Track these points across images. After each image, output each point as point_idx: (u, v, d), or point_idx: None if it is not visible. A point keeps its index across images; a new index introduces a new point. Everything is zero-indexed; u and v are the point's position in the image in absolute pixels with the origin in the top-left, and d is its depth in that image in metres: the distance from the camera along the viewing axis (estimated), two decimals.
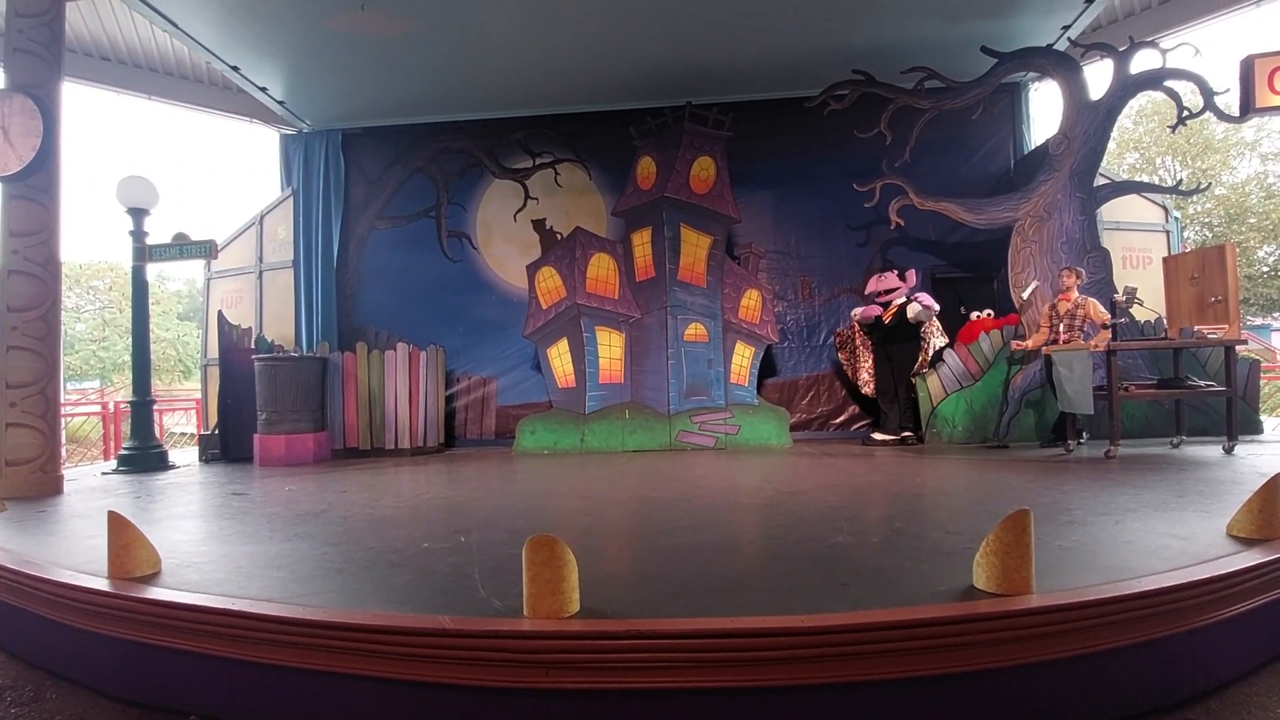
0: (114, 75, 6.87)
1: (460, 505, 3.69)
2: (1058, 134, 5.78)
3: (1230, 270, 4.98)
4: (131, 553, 2.31)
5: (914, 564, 2.27)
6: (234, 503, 3.99)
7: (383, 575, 2.33)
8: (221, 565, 2.51)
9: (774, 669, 1.65)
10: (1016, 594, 1.83)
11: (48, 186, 4.49)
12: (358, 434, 6.39)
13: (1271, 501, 2.37)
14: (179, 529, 3.26)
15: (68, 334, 21.94)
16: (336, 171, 7.31)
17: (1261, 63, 4.06)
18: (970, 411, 5.86)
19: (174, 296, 28.43)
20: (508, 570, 2.22)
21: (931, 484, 4.02)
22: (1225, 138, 18.53)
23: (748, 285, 6.57)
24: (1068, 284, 5.14)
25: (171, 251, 5.88)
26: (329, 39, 5.69)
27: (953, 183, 6.53)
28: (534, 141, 7.24)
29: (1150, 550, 2.31)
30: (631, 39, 5.84)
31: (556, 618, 1.77)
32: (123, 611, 2.08)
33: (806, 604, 1.88)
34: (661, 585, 2.14)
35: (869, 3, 5.44)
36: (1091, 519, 2.84)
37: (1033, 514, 1.90)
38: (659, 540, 2.79)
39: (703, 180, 6.48)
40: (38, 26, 4.52)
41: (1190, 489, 3.42)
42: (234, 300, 7.46)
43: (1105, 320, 4.97)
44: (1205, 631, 1.93)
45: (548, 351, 6.55)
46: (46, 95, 4.51)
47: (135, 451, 5.66)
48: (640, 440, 6.21)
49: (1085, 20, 5.83)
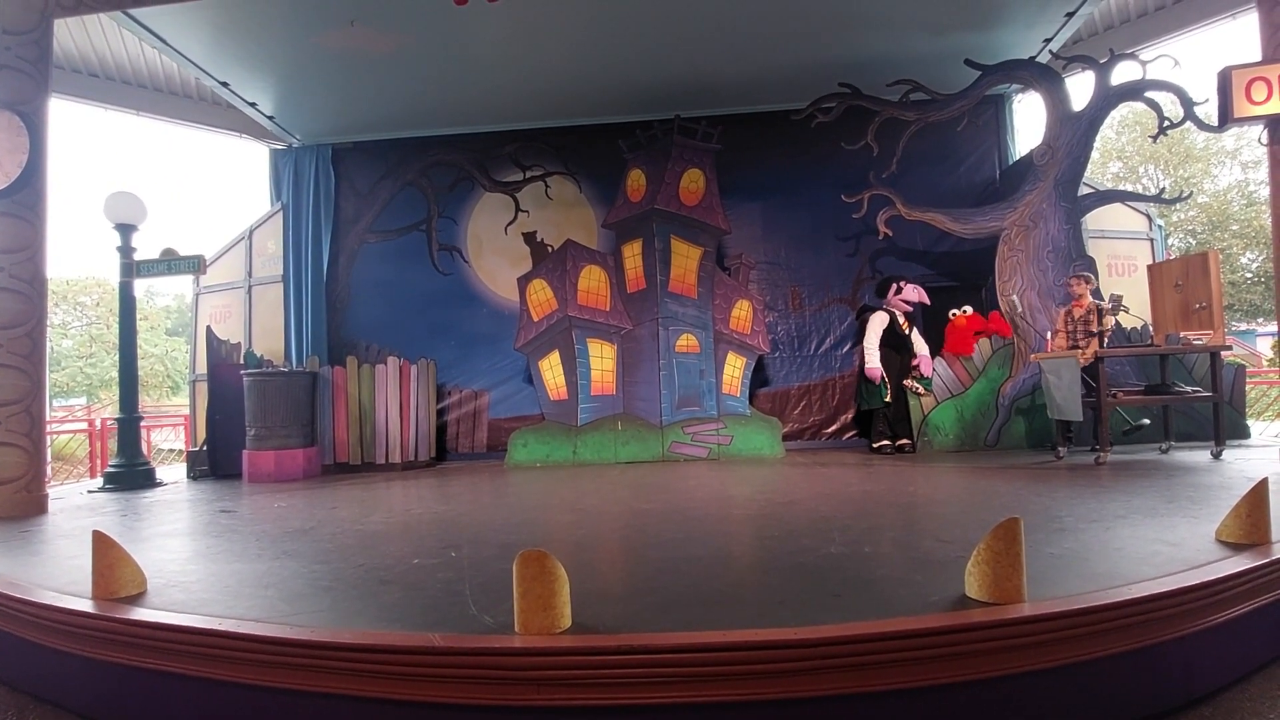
0: (102, 91, 6.85)
1: (451, 520, 3.66)
2: (1041, 144, 5.86)
3: (1214, 277, 5.05)
4: (116, 573, 2.28)
5: (906, 574, 2.27)
6: (222, 520, 3.94)
7: (372, 593, 2.31)
8: (208, 584, 2.48)
9: (767, 682, 1.64)
10: (1008, 603, 1.84)
11: (34, 203, 4.46)
12: (348, 449, 6.34)
13: (1259, 507, 2.39)
14: (165, 548, 3.22)
15: (54, 350, 21.72)
16: (326, 186, 7.30)
17: (1239, 74, 4.13)
18: (961, 420, 5.89)
19: (162, 312, 28.22)
20: (499, 586, 2.21)
21: (923, 493, 4.03)
22: (1206, 146, 18.85)
23: (738, 296, 6.59)
24: (1079, 291, 5.12)
25: (160, 267, 5.85)
26: (319, 55, 5.70)
27: (939, 193, 6.60)
28: (524, 155, 7.26)
29: (1141, 557, 2.32)
30: (620, 54, 5.89)
31: (548, 634, 1.76)
32: (107, 633, 2.05)
33: (799, 616, 1.87)
34: (654, 598, 2.13)
35: (854, 17, 5.51)
36: (1082, 526, 2.85)
37: (1023, 522, 1.91)
38: (651, 553, 2.78)
39: (692, 192, 6.52)
40: (25, 44, 4.51)
41: (1179, 494, 3.45)
42: (223, 315, 7.42)
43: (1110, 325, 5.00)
44: (1197, 638, 1.94)
45: (539, 364, 6.54)
46: (34, 112, 4.49)
47: (122, 469, 5.59)
48: (633, 452, 6.19)
49: (1066, 33, 5.93)
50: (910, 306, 6.21)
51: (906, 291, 6.23)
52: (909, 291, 6.23)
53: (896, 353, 6.19)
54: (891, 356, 6.18)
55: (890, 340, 6.19)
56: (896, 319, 6.19)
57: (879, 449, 6.03)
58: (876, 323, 6.20)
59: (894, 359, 6.17)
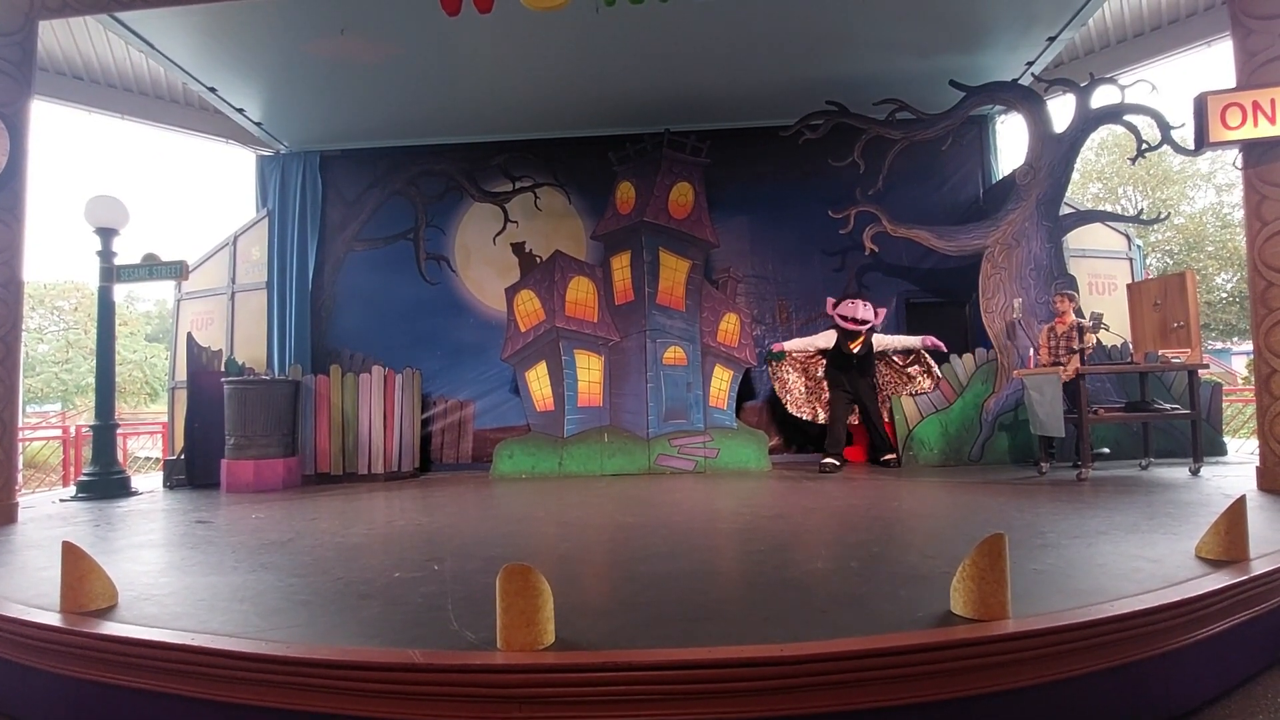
0: (87, 94, 6.77)
1: (434, 532, 3.61)
2: (1024, 165, 5.97)
3: (1191, 296, 5.15)
4: (86, 585, 2.22)
5: (891, 589, 2.27)
6: (198, 531, 3.86)
7: (351, 607, 2.26)
8: (182, 598, 2.41)
9: (754, 700, 1.62)
10: (993, 619, 1.84)
11: (12, 205, 4.39)
12: (330, 459, 6.25)
13: (1237, 524, 2.42)
14: (138, 559, 3.14)
15: (30, 355, 21.25)
16: (314, 193, 7.25)
17: (1214, 99, 4.23)
18: (945, 434, 5.93)
19: (142, 318, 27.77)
20: (482, 600, 2.17)
21: (908, 507, 4.04)
22: (1182, 169, 19.29)
23: (726, 309, 6.62)
24: (1062, 309, 5.23)
25: (140, 272, 5.76)
26: (308, 62, 5.68)
27: (924, 211, 6.69)
28: (514, 165, 7.27)
29: (1122, 573, 2.34)
30: (612, 67, 5.93)
31: (530, 650, 1.73)
32: (76, 648, 1.99)
33: (785, 632, 1.86)
34: (639, 614, 2.11)
35: (843, 37, 5.60)
36: (1065, 542, 2.87)
37: (1007, 538, 1.92)
38: (637, 567, 2.75)
39: (681, 205, 6.56)
40: (9, 45, 4.46)
41: (1159, 511, 3.48)
42: (204, 322, 7.31)
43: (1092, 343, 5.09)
44: (1178, 654, 1.95)
45: (526, 375, 6.50)
46: (15, 114, 4.43)
47: (96, 477, 5.46)
48: (619, 464, 6.16)
49: (1048, 57, 6.07)
50: (851, 324, 5.90)
51: (843, 306, 5.96)
52: (846, 307, 5.94)
53: (842, 372, 5.99)
54: (837, 376, 6.02)
55: (836, 360, 6.02)
56: (844, 340, 5.93)
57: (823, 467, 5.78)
58: (822, 337, 6.09)
59: (840, 379, 6.00)
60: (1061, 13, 5.38)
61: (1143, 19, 6.52)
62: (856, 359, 5.95)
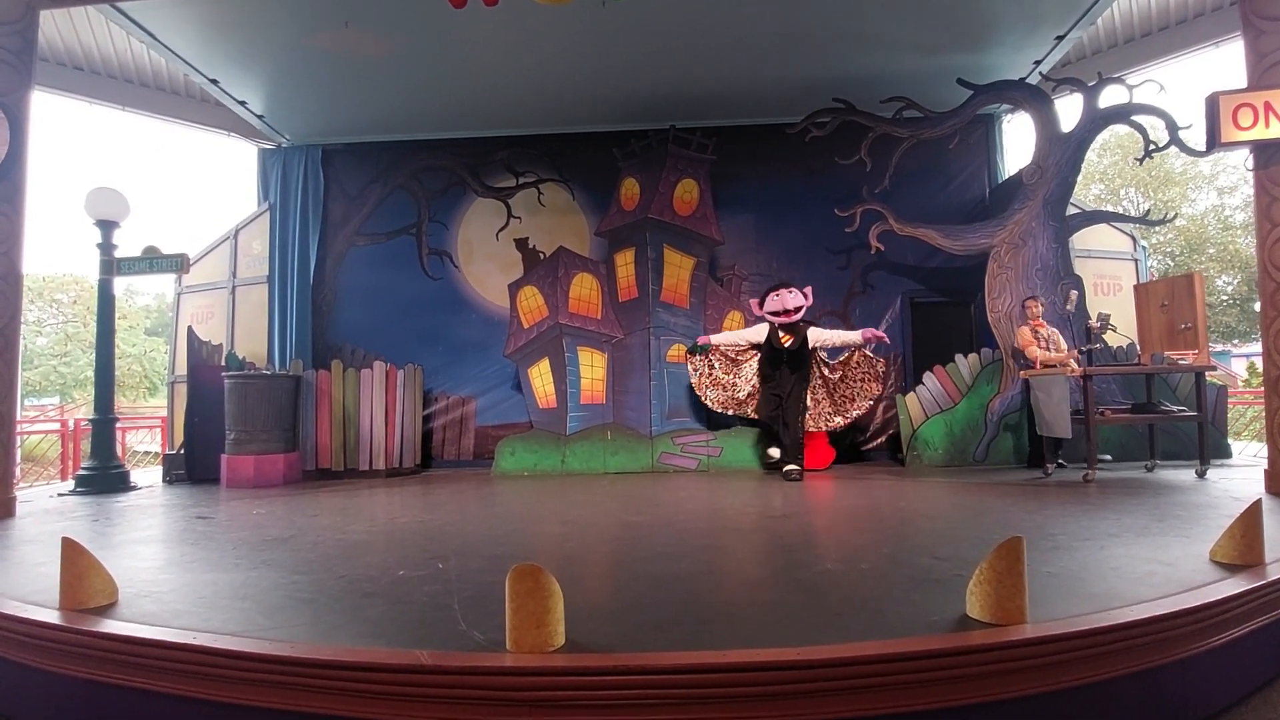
0: (88, 85, 6.71)
1: (437, 530, 3.57)
2: (1031, 164, 5.93)
3: (1198, 298, 5.11)
4: (86, 582, 2.18)
5: (904, 592, 2.24)
6: (198, 527, 3.82)
7: (355, 606, 2.23)
8: (182, 595, 2.38)
9: (769, 705, 1.59)
10: (1010, 624, 1.81)
11: (12, 196, 4.34)
12: (331, 455, 6.21)
13: (1253, 528, 2.39)
14: (138, 555, 3.11)
15: (28, 348, 21.21)
16: (316, 187, 7.20)
17: (1226, 99, 4.20)
18: (950, 434, 5.90)
19: (142, 311, 27.68)
20: (488, 599, 2.14)
21: (914, 508, 4.01)
22: (1184, 171, 19.27)
23: (730, 307, 6.58)
24: (1035, 312, 5.29)
25: (141, 265, 5.71)
26: (312, 55, 5.63)
27: (930, 210, 6.65)
28: (517, 161, 7.21)
29: (1137, 576, 2.31)
30: (616, 63, 5.88)
31: (541, 652, 1.69)
32: (74, 646, 1.95)
33: (798, 635, 1.83)
34: (648, 615, 2.07)
35: (850, 35, 5.55)
36: (1076, 544, 2.84)
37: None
38: (643, 568, 2.72)
39: (686, 202, 6.51)
40: (10, 34, 4.40)
41: (1169, 513, 3.45)
42: (205, 316, 7.26)
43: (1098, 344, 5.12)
44: (1197, 660, 1.92)
45: (529, 371, 6.47)
46: (15, 104, 4.38)
47: (95, 472, 5.42)
48: (622, 462, 6.13)
49: (1056, 56, 6.02)
50: (784, 317, 5.58)
51: (770, 302, 5.65)
52: (772, 301, 5.63)
53: (774, 368, 5.62)
54: (769, 372, 5.65)
55: (768, 355, 5.65)
56: (775, 334, 5.60)
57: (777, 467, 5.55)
58: (754, 331, 5.79)
59: (771, 375, 5.63)
60: (1070, 12, 5.34)
61: (1151, 19, 6.48)
62: (788, 354, 5.57)
